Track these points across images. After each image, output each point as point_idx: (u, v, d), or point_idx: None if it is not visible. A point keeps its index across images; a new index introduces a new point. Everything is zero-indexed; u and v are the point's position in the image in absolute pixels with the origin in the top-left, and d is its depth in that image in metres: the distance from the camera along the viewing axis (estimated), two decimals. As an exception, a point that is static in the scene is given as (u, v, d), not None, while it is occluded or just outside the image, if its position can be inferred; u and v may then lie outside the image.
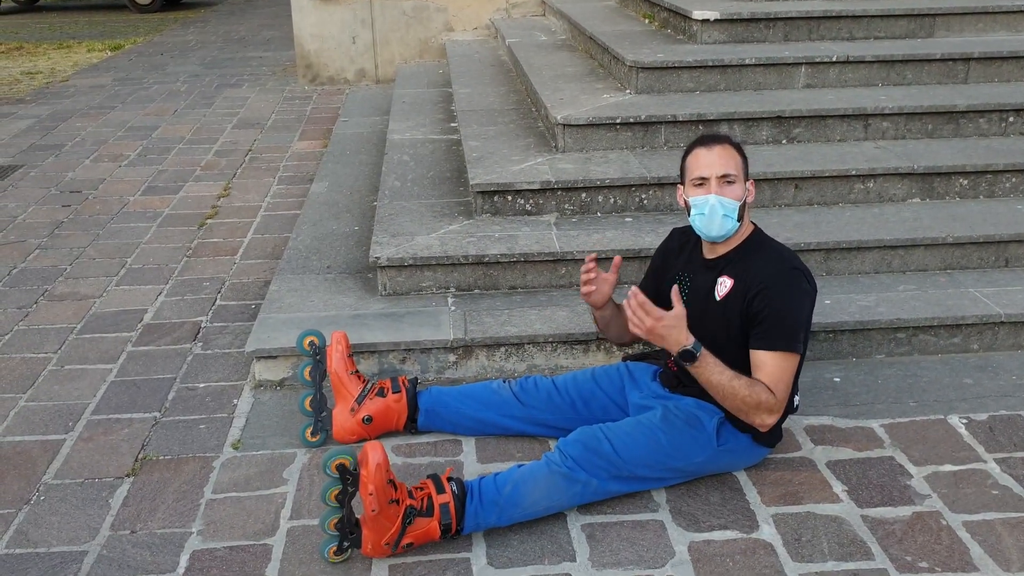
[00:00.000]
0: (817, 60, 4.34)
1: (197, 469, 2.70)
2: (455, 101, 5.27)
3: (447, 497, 2.31)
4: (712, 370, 2.39)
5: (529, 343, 3.18)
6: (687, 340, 2.38)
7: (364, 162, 5.22)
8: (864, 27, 4.68)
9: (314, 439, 2.77)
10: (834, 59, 4.34)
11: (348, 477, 2.23)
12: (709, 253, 2.61)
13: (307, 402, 2.76)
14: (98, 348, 3.42)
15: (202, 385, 3.16)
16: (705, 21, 4.60)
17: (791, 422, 2.84)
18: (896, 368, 3.17)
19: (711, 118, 4.02)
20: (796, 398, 2.62)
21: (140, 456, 2.77)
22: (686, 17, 4.74)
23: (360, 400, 2.75)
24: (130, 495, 2.59)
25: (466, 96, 5.34)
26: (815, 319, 3.15)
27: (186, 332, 3.53)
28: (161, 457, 2.76)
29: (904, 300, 3.31)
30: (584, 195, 3.81)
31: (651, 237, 3.54)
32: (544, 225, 3.70)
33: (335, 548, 2.28)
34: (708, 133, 2.67)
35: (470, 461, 2.70)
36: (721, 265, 2.57)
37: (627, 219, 3.76)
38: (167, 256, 4.25)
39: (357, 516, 2.28)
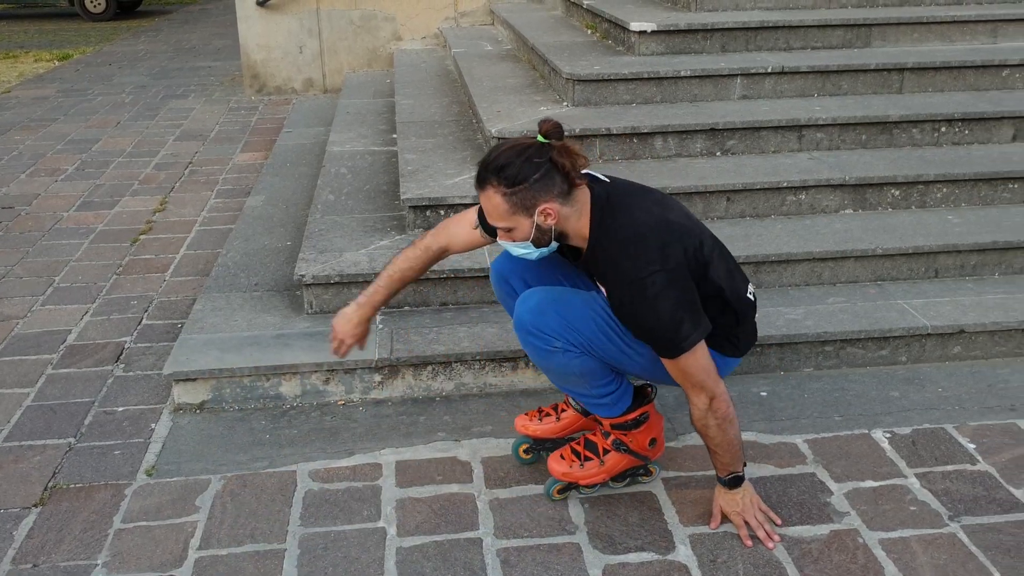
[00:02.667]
0: (753, 71, 4.34)
1: (108, 497, 2.63)
2: (397, 112, 5.22)
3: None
4: (724, 462, 2.39)
5: (457, 361, 3.13)
6: (724, 492, 2.44)
7: (304, 174, 5.16)
8: (801, 37, 4.70)
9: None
10: (769, 70, 4.34)
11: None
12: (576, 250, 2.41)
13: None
14: (17, 371, 3.34)
15: (120, 409, 3.09)
16: (643, 32, 4.59)
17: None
18: (823, 382, 3.17)
19: (645, 131, 4.00)
20: (749, 288, 2.45)
21: (50, 484, 2.69)
22: (624, 28, 4.73)
23: None
24: (36, 526, 2.51)
25: (408, 107, 5.30)
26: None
27: (109, 353, 3.45)
28: (72, 485, 2.69)
29: (833, 313, 3.31)
30: (518, 209, 3.77)
31: (583, 251, 3.51)
32: (477, 240, 3.66)
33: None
34: (480, 168, 2.23)
35: (389, 485, 2.66)
36: (589, 267, 2.37)
37: (561, 233, 3.73)
38: (96, 274, 4.16)
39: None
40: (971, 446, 2.78)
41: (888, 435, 2.85)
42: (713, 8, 4.94)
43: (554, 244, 2.32)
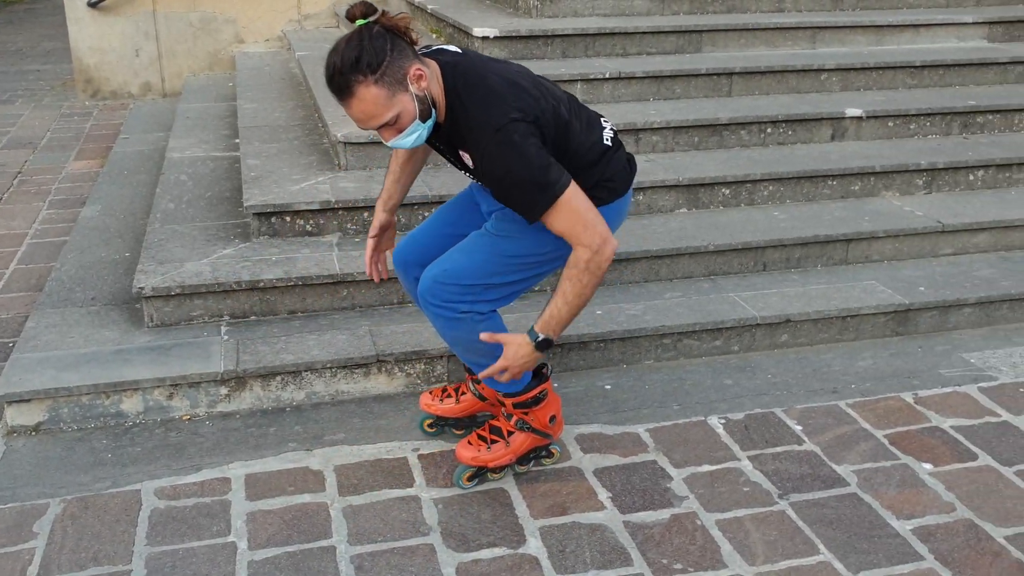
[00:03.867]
0: (592, 76, 4.49)
1: (-66, 530, 2.49)
2: (239, 117, 5.12)
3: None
4: (560, 321, 2.35)
5: (307, 370, 3.12)
6: (526, 345, 2.38)
7: (142, 182, 4.98)
8: (636, 43, 4.89)
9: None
10: (607, 75, 4.50)
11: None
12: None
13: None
14: None
15: (-54, 435, 2.92)
16: (485, 38, 4.67)
17: (563, 433, 2.91)
18: (663, 373, 3.32)
19: (489, 134, 4.07)
20: (606, 132, 2.47)
21: None
22: (468, 33, 4.80)
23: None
24: None
25: (251, 111, 5.20)
26: (588, 330, 3.29)
27: (-69, 377, 3.25)
28: None
29: (670, 307, 3.47)
30: (367, 214, 3.77)
31: (432, 255, 3.55)
32: (325, 246, 3.65)
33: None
34: (329, 72, 2.14)
35: (239, 499, 2.62)
36: (452, 140, 2.36)
37: (410, 237, 3.76)
38: (-85, 293, 3.91)
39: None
40: (798, 428, 2.98)
41: (723, 421, 3.02)
42: (553, 15, 5.07)
43: (432, 119, 2.27)
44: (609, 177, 2.48)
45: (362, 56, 2.11)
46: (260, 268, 3.42)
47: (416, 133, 2.27)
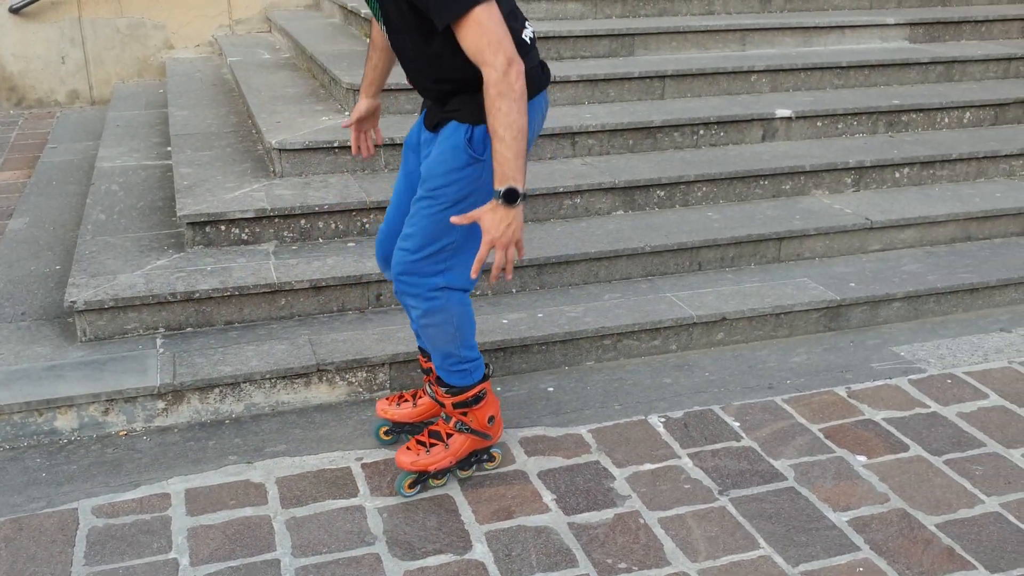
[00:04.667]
0: (527, 79, 4.51)
1: None
2: (170, 124, 5.03)
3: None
4: (507, 161, 2.21)
5: (246, 381, 3.08)
6: (497, 207, 2.22)
7: (72, 192, 4.87)
8: (571, 47, 4.93)
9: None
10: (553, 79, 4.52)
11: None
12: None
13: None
14: None
15: None
16: (420, 42, 4.66)
17: (506, 436, 2.93)
18: (604, 374, 3.36)
19: (426, 139, 4.07)
20: (527, 35, 2.44)
21: None
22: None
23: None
24: None
25: (183, 119, 5.12)
26: (530, 333, 3.31)
27: None
28: None
29: (609, 308, 3.51)
30: (304, 221, 3.75)
31: (373, 262, 3.54)
32: (262, 255, 3.61)
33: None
34: None
35: (179, 515, 2.58)
36: None
37: (349, 244, 3.74)
38: None
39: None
40: (736, 424, 3.04)
41: (663, 419, 3.06)
42: (487, 18, 5.07)
43: None
44: (536, 59, 2.48)
45: None
46: (195, 279, 3.37)
47: None
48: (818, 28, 5.31)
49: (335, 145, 4.05)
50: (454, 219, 2.30)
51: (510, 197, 2.23)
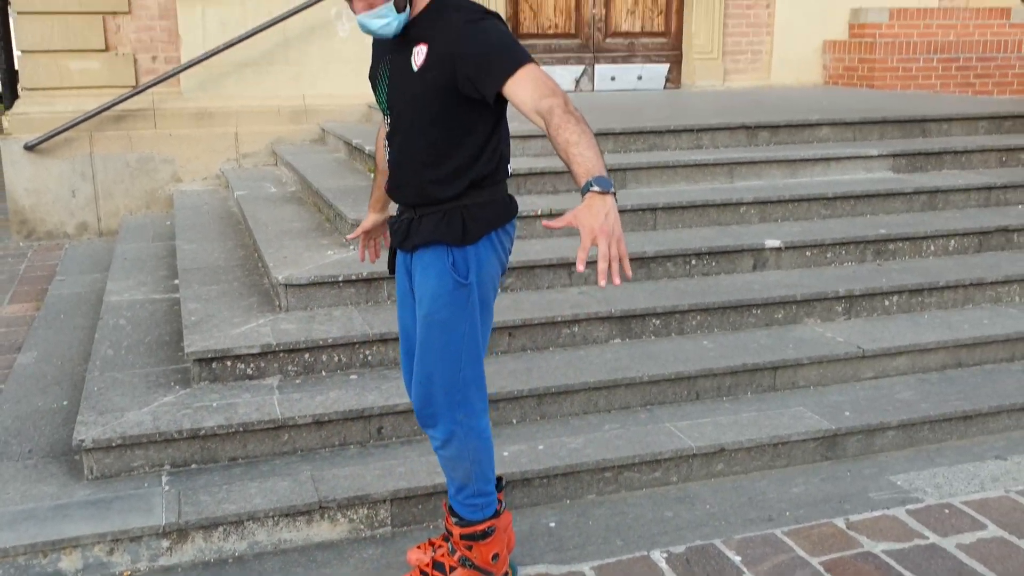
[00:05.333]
0: (525, 214, 4.67)
1: None
2: (178, 258, 5.17)
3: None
4: (590, 160, 2.15)
5: (249, 519, 3.10)
6: (590, 197, 2.09)
7: (80, 326, 4.97)
8: (566, 181, 5.12)
9: None
10: (539, 212, 4.70)
11: None
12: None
13: None
14: None
15: None
16: (421, 179, 4.84)
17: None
18: (605, 507, 3.38)
19: (428, 274, 4.20)
20: (509, 167, 2.68)
21: None
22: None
23: None
24: None
25: (190, 252, 5.26)
26: (531, 466, 3.35)
27: None
28: None
29: (609, 440, 3.56)
30: (308, 355, 3.83)
31: (375, 395, 3.61)
32: (266, 390, 3.68)
33: None
34: None
35: None
36: (413, 35, 2.51)
37: (352, 377, 3.81)
38: None
39: None
40: (737, 558, 3.05)
41: (665, 555, 3.07)
42: (486, 154, 5.28)
43: (405, 15, 2.46)
44: (505, 190, 2.67)
45: None
46: (201, 415, 3.43)
47: (385, 20, 2.44)
48: (804, 160, 5.52)
49: (339, 279, 4.16)
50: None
51: (603, 184, 2.10)
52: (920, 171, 5.76)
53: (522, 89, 2.29)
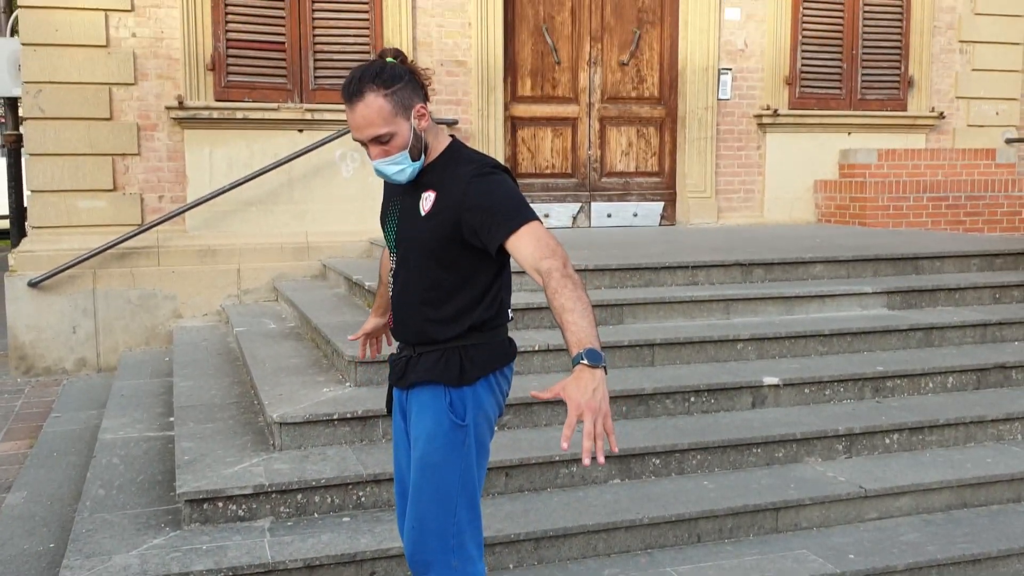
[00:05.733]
0: (522, 349, 4.68)
1: None
2: (174, 395, 5.16)
3: None
4: (583, 330, 2.23)
5: (234, 669, 2.99)
6: (580, 370, 2.16)
7: (72, 464, 4.91)
8: (563, 318, 5.14)
9: None
10: (536, 348, 4.71)
11: None
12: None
13: None
14: None
15: None
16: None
17: None
18: (605, 658, 3.26)
19: (424, 412, 4.17)
20: (509, 312, 2.71)
21: None
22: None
23: None
24: None
25: (186, 389, 5.24)
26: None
27: None
28: None
29: (608, 585, 3.46)
30: (300, 496, 3.77)
31: (367, 538, 3.53)
32: (257, 532, 3.60)
33: None
34: (348, 79, 2.45)
35: None
36: (424, 181, 2.58)
37: (344, 519, 3.74)
38: None
39: None
40: None
41: None
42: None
43: (419, 163, 2.53)
44: (506, 334, 2.71)
45: (383, 72, 2.43)
46: (190, 559, 3.35)
47: (400, 167, 2.51)
48: (799, 297, 5.57)
49: (334, 417, 4.14)
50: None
51: (594, 358, 2.17)
52: (915, 308, 5.81)
53: (524, 246, 2.39)
